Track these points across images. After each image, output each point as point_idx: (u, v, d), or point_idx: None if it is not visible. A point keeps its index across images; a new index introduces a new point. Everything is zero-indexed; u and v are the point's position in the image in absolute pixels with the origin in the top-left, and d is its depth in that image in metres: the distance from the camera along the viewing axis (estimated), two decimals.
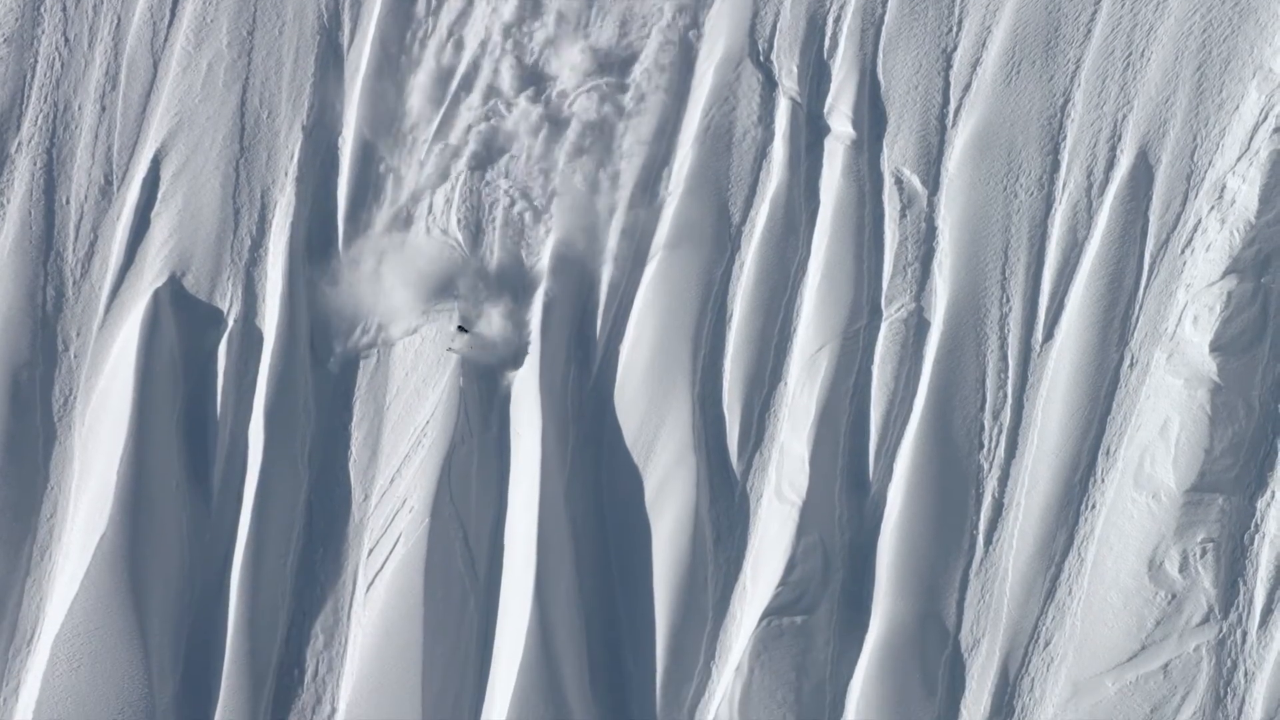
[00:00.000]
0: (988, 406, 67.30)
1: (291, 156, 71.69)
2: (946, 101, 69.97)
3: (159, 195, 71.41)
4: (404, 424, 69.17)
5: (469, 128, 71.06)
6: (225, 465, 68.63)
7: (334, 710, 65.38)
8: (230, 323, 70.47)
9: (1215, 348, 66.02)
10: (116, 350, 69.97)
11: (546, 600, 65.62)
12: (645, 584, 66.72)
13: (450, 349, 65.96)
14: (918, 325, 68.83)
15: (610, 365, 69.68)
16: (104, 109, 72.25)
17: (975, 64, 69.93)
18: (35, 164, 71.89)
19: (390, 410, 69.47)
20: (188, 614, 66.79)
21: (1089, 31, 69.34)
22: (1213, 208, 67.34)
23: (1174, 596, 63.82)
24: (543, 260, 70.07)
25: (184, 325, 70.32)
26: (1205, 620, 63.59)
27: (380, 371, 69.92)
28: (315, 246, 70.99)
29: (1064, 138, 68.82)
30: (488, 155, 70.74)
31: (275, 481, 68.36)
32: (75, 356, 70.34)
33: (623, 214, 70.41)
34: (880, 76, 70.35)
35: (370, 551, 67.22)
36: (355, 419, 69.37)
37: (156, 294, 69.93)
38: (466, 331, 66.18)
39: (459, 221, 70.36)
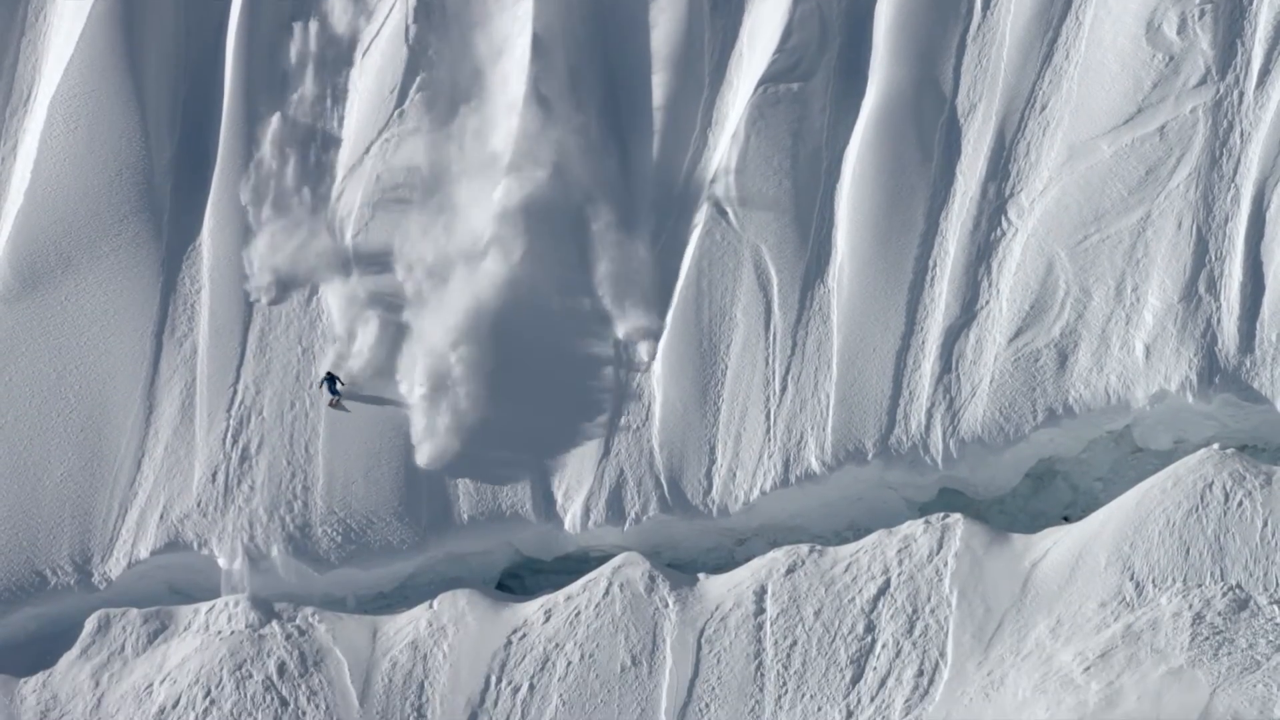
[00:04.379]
0: None
1: None
2: None
3: None
4: None
5: None
6: None
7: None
8: None
9: None
10: None
11: (542, 72, 57.59)
12: (642, 54, 58.75)
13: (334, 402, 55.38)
14: None
15: None
16: None
17: None
18: None
19: None
20: (184, 78, 59.15)
21: None
22: None
23: (1171, 59, 55.85)
24: None
25: None
26: (1202, 82, 55.66)
27: None
28: None
29: None
30: None
31: None
32: None
33: None
34: None
35: (370, 14, 59.42)
36: None
37: None
38: (335, 387, 54.96)
39: None
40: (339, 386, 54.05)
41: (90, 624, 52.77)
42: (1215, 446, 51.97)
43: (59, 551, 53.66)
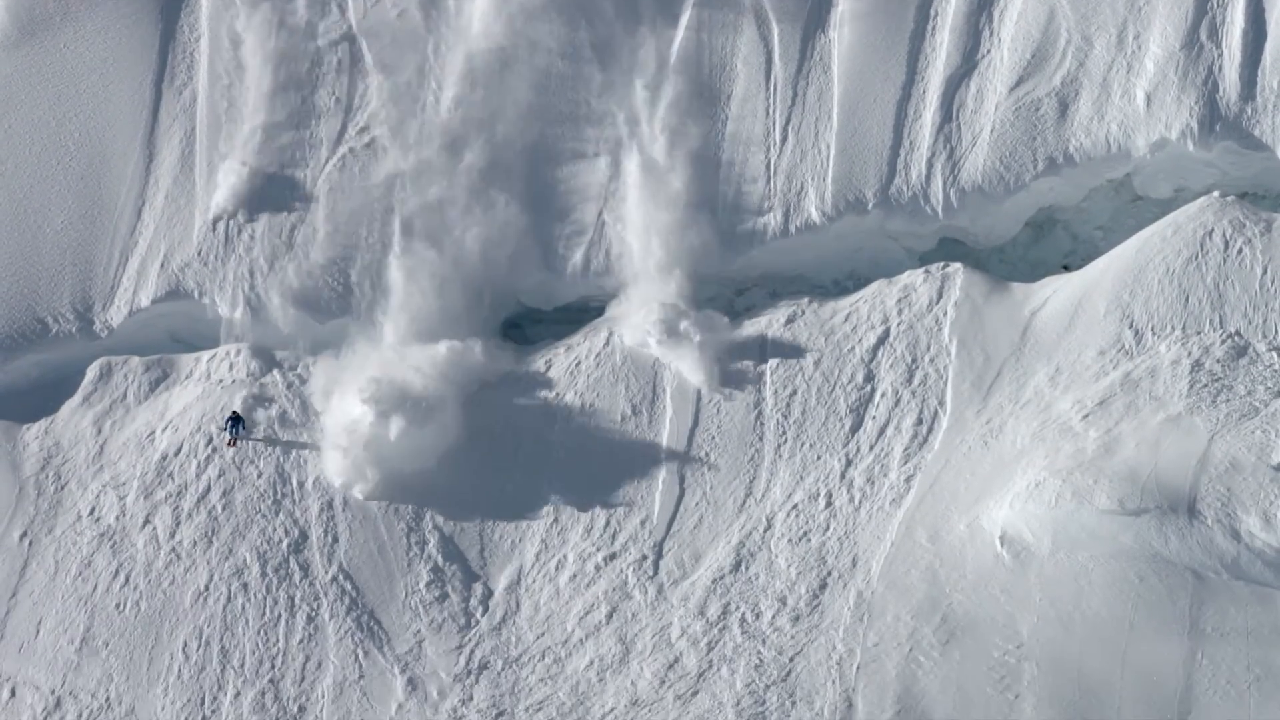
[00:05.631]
0: None
1: None
2: None
3: None
4: None
5: None
6: None
7: None
8: None
9: None
10: None
11: None
12: None
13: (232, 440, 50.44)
14: None
15: None
16: None
17: None
18: None
19: None
20: None
21: None
22: None
23: None
24: None
25: None
26: None
27: None
28: None
29: None
30: None
31: None
32: None
33: None
34: None
35: None
36: None
37: None
38: (238, 428, 49.80)
39: None
40: (240, 431, 49.55)
41: (92, 371, 51.50)
42: (1215, 194, 50.62)
43: (60, 299, 52.40)
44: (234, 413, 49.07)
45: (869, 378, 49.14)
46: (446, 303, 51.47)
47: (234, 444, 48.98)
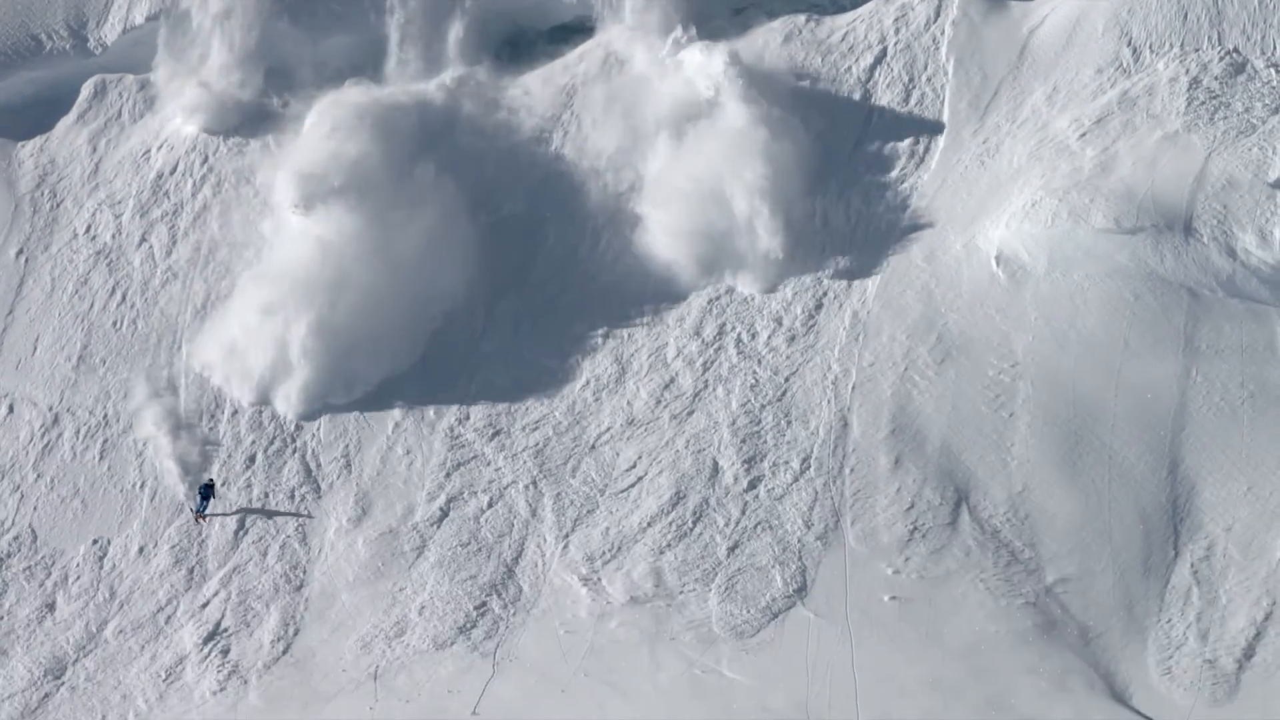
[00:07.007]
0: None
1: None
2: None
3: None
4: None
5: None
6: None
7: None
8: None
9: None
10: None
11: None
12: None
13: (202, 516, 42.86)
14: None
15: None
16: None
17: None
18: None
19: None
20: None
21: None
22: None
23: None
24: None
25: None
26: None
27: None
28: None
29: None
30: None
31: None
32: None
33: None
34: None
35: None
36: None
37: None
38: (208, 500, 42.52)
39: None
40: (210, 501, 42.62)
41: (86, 89, 49.02)
42: None
43: (54, 16, 49.64)
44: (209, 481, 42.48)
45: (865, 97, 46.83)
46: (442, 24, 48.86)
47: (201, 519, 42.15)
